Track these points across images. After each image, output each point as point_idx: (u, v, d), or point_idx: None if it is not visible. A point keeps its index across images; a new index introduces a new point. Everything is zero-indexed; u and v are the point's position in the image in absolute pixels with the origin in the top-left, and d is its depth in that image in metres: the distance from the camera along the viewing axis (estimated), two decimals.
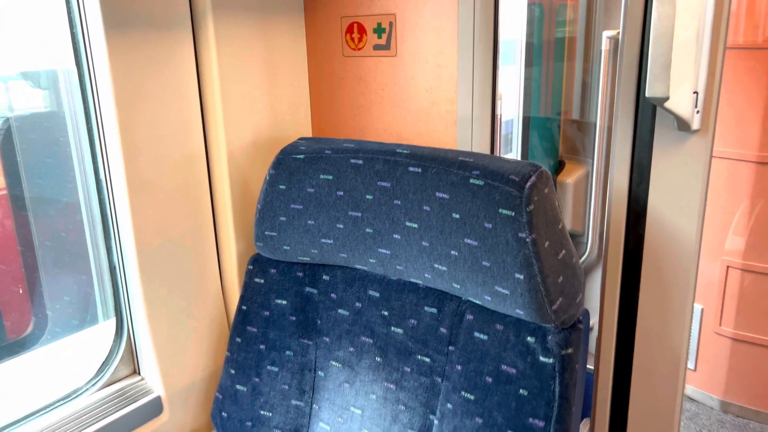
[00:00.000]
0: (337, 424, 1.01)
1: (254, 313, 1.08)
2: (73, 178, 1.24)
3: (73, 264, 1.26)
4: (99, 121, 0.98)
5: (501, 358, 0.84)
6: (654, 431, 0.95)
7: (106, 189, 1.02)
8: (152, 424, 1.07)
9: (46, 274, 1.26)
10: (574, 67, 1.82)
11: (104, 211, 1.05)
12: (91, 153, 1.03)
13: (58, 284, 1.27)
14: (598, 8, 1.79)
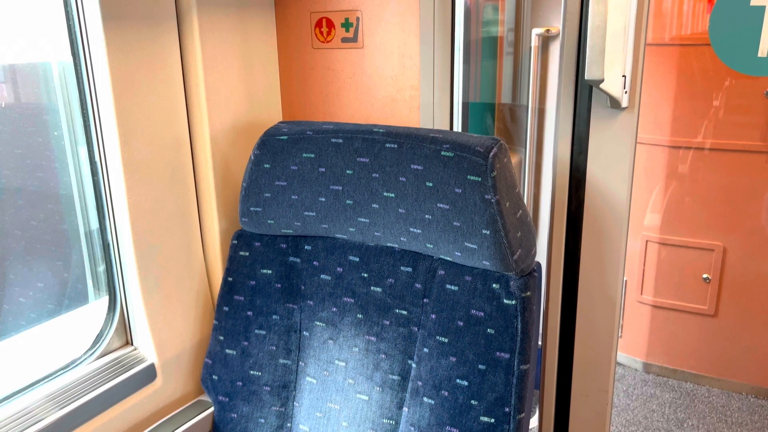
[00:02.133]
0: (322, 377, 1.12)
1: (240, 283, 1.18)
2: (45, 167, 1.29)
3: (45, 252, 1.31)
4: (95, 108, 1.05)
5: (470, 304, 0.99)
6: (596, 352, 1.13)
7: (100, 171, 1.10)
8: (146, 390, 1.15)
9: (14, 265, 1.29)
10: (503, 60, 2.01)
11: (98, 192, 1.12)
12: (86, 138, 1.10)
13: (29, 274, 1.30)
14: (525, 8, 1.98)
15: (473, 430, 0.96)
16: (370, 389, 1.08)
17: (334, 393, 1.11)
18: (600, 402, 1.19)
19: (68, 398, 1.04)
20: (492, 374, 0.96)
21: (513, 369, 0.94)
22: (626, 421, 2.23)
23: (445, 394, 0.99)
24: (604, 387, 1.16)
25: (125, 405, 1.11)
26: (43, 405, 1.01)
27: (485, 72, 1.91)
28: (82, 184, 1.17)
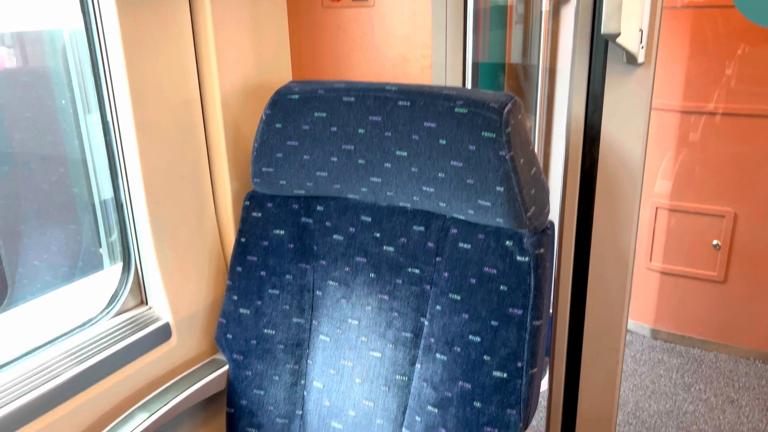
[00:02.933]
0: (336, 335, 1.13)
1: (253, 243, 1.19)
2: (56, 131, 1.29)
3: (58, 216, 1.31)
4: (107, 71, 1.05)
5: (483, 262, 0.99)
6: (607, 312, 1.13)
7: (113, 133, 1.10)
8: (162, 348, 1.16)
9: (27, 229, 1.29)
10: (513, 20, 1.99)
11: (111, 154, 1.12)
12: (98, 101, 1.09)
13: (42, 238, 1.31)
14: None
15: (485, 384, 0.97)
16: (383, 346, 1.09)
17: (347, 350, 1.12)
18: (611, 361, 1.20)
19: (86, 354, 1.05)
20: (504, 330, 0.96)
21: (525, 325, 0.95)
22: (633, 386, 2.25)
23: (458, 350, 1.00)
24: (615, 346, 1.16)
25: (141, 363, 1.13)
26: (62, 361, 1.03)
27: (494, 36, 1.89)
28: (93, 148, 1.17)
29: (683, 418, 2.07)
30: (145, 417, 1.05)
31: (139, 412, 1.06)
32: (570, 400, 1.28)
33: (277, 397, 1.16)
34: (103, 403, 1.06)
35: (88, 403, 1.03)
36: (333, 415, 1.12)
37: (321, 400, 1.13)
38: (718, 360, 2.40)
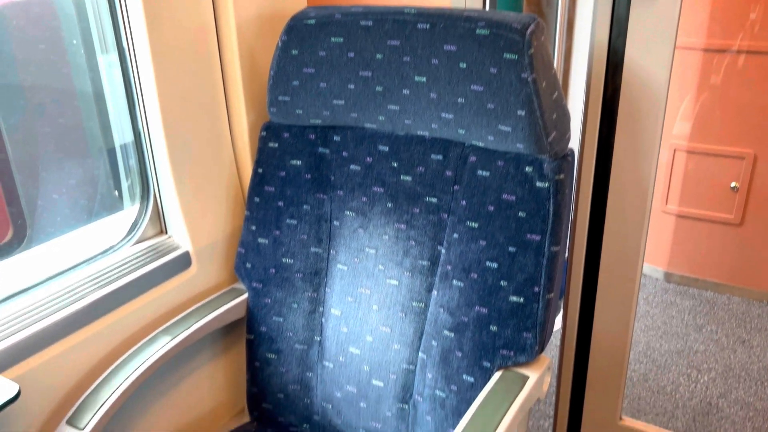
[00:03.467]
0: (353, 264, 1.15)
1: (270, 174, 1.19)
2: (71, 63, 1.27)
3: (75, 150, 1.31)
4: None
5: (502, 188, 0.99)
6: (625, 242, 1.13)
7: (129, 60, 1.09)
8: (182, 276, 1.18)
9: (45, 164, 1.29)
10: None
11: (128, 81, 1.11)
12: (113, 28, 1.08)
13: (59, 172, 1.31)
14: None
15: (502, 309, 0.98)
16: (400, 274, 1.10)
17: (365, 279, 1.13)
18: (626, 291, 1.20)
19: (108, 279, 1.08)
20: (522, 256, 0.97)
21: (543, 250, 0.95)
22: (645, 326, 2.27)
23: (475, 277, 1.01)
24: (631, 276, 1.17)
25: (163, 289, 1.15)
26: (86, 284, 1.05)
27: None
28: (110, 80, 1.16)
29: (694, 357, 2.10)
30: (168, 340, 1.07)
31: (162, 335, 1.09)
32: (584, 335, 1.30)
33: (296, 323, 1.18)
34: (127, 326, 1.09)
35: (113, 325, 1.06)
36: (351, 340, 1.14)
37: (339, 327, 1.16)
38: (730, 302, 2.40)
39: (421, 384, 1.07)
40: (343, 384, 1.15)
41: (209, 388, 1.28)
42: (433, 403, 1.05)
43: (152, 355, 1.04)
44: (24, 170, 1.25)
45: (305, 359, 1.19)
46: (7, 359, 0.91)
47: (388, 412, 1.11)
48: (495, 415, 0.90)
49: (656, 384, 1.97)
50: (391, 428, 1.11)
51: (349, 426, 1.16)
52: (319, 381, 1.18)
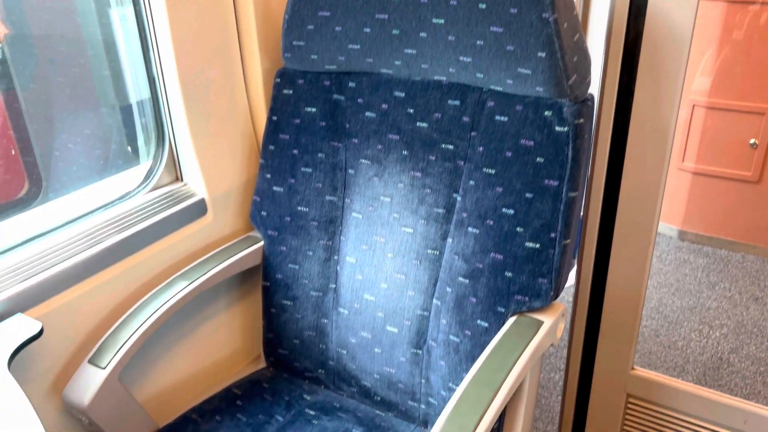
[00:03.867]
0: (368, 212, 1.15)
1: (285, 121, 1.18)
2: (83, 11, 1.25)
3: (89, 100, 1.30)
4: None
5: (520, 134, 0.97)
6: (643, 190, 1.13)
7: (143, 6, 1.07)
8: (198, 224, 1.19)
9: (59, 114, 1.28)
10: None
11: (141, 27, 1.10)
12: None
13: (73, 122, 1.30)
14: None
15: (518, 255, 0.98)
16: (415, 222, 1.10)
17: (380, 227, 1.14)
18: (642, 241, 1.20)
19: (126, 224, 1.08)
20: (539, 202, 0.96)
21: (561, 196, 0.95)
22: (657, 284, 2.27)
23: (490, 223, 1.00)
24: (648, 226, 1.16)
25: (179, 236, 1.16)
26: (103, 229, 1.06)
27: None
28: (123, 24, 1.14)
29: (706, 313, 2.10)
30: (186, 284, 1.09)
31: (180, 280, 1.10)
32: (597, 287, 1.30)
33: (311, 271, 1.19)
34: (144, 271, 1.10)
35: (132, 269, 1.07)
36: (365, 287, 1.15)
37: (354, 274, 1.16)
38: (745, 260, 2.39)
39: (435, 330, 1.08)
40: (358, 330, 1.17)
41: (226, 334, 1.30)
42: (447, 348, 1.06)
43: (170, 298, 1.05)
44: (38, 125, 1.25)
45: (320, 306, 1.20)
46: (30, 299, 0.93)
47: (402, 358, 1.13)
48: (508, 359, 0.91)
49: (667, 339, 1.98)
50: (405, 373, 1.13)
51: (363, 371, 1.18)
52: (334, 327, 1.20)
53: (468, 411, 0.82)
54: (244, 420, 1.12)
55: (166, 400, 1.19)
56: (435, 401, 1.11)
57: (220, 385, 1.21)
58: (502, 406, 0.85)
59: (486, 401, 0.84)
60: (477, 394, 0.85)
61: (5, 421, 0.72)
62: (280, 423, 1.12)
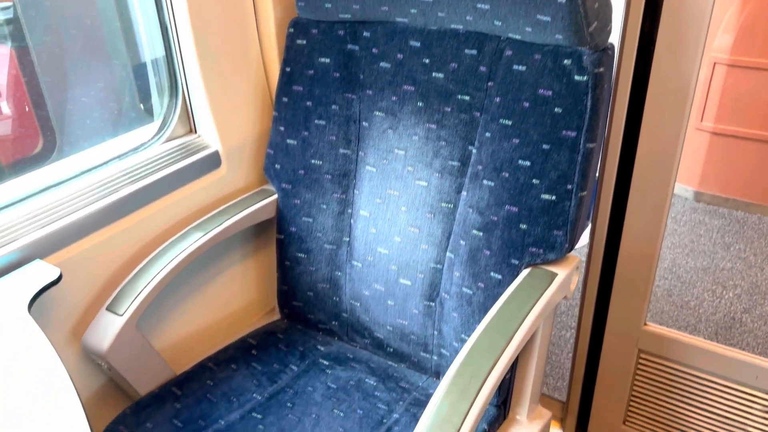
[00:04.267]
0: (382, 166, 1.14)
1: (299, 72, 1.16)
2: None
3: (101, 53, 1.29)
4: None
5: (538, 83, 0.96)
6: (662, 143, 1.11)
7: None
8: (212, 176, 1.19)
9: (72, 67, 1.27)
10: None
11: None
12: None
13: (86, 74, 1.29)
14: None
15: (533, 207, 0.97)
16: (429, 175, 1.09)
17: (394, 180, 1.13)
18: (659, 197, 1.18)
19: (140, 174, 1.09)
20: (556, 153, 0.95)
21: (578, 147, 0.93)
22: (671, 244, 2.26)
23: (506, 176, 1.00)
24: (665, 181, 1.14)
25: (193, 188, 1.16)
26: (118, 179, 1.06)
27: None
28: None
29: (719, 274, 2.09)
30: (200, 236, 1.09)
31: (195, 231, 1.10)
32: (612, 243, 1.29)
33: (325, 224, 1.19)
34: (159, 222, 1.11)
35: (147, 220, 1.08)
36: (379, 241, 1.15)
37: (367, 228, 1.16)
38: (761, 222, 2.37)
39: (448, 282, 1.08)
40: (371, 283, 1.17)
41: (241, 287, 1.32)
42: (460, 300, 1.06)
43: (185, 249, 1.06)
44: (51, 82, 1.25)
45: (334, 259, 1.21)
46: (48, 246, 0.94)
47: (415, 310, 1.13)
48: (522, 309, 0.91)
49: (680, 299, 1.98)
50: (418, 325, 1.14)
51: (376, 323, 1.19)
52: (348, 280, 1.20)
53: (481, 358, 0.83)
54: (260, 369, 1.14)
55: (183, 350, 1.21)
56: (447, 352, 1.12)
57: (235, 335, 1.23)
58: (515, 355, 0.86)
59: (499, 349, 0.84)
60: (490, 342, 0.85)
61: (29, 363, 0.74)
62: (294, 372, 1.14)
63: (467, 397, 0.78)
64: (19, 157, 1.24)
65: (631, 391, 1.39)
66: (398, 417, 1.04)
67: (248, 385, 1.09)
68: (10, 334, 0.78)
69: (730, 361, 1.23)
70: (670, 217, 2.43)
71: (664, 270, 2.12)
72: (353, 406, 1.06)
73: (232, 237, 1.18)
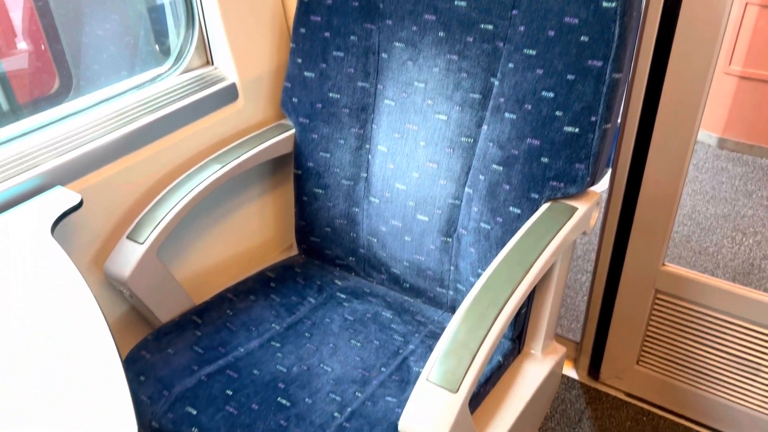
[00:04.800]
0: (401, 99, 1.12)
1: (316, 2, 1.13)
2: None
3: None
4: None
5: (564, 11, 0.92)
6: (688, 83, 1.07)
7: None
8: (229, 109, 1.18)
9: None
10: None
11: None
12: None
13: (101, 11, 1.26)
14: None
15: (555, 140, 0.95)
16: (450, 109, 1.07)
17: (413, 114, 1.11)
18: (683, 135, 1.16)
19: (158, 105, 1.08)
20: (581, 84, 0.92)
21: (604, 77, 0.91)
22: (692, 191, 2.23)
23: (528, 108, 0.97)
24: (691, 118, 1.11)
25: (211, 120, 1.15)
26: (136, 109, 1.06)
27: None
28: None
29: (740, 221, 2.06)
30: (218, 168, 1.09)
31: (213, 163, 1.10)
32: (633, 185, 1.27)
33: (343, 159, 1.19)
34: (178, 153, 1.11)
35: (165, 151, 1.08)
36: (397, 177, 1.15)
37: (385, 163, 1.15)
38: None
39: (466, 218, 1.08)
40: (389, 219, 1.17)
41: (259, 223, 1.32)
42: (478, 235, 1.06)
43: (204, 180, 1.06)
44: (67, 22, 1.23)
45: (352, 195, 1.20)
46: (69, 173, 0.95)
47: (432, 246, 1.13)
48: (540, 242, 0.91)
49: (699, 245, 1.96)
50: (434, 260, 1.14)
51: (393, 258, 1.19)
52: (365, 216, 1.20)
53: (499, 288, 0.83)
54: (278, 300, 1.15)
55: (203, 281, 1.23)
56: (463, 288, 1.12)
57: (253, 270, 1.25)
58: (532, 285, 0.86)
59: (517, 279, 0.84)
60: (508, 272, 0.85)
61: (53, 283, 0.75)
62: (312, 304, 1.15)
63: (484, 324, 0.79)
64: (37, 96, 1.23)
65: (645, 332, 1.40)
66: (414, 348, 1.06)
67: (267, 316, 1.11)
68: (35, 254, 0.79)
69: (749, 302, 1.22)
70: (692, 164, 2.39)
71: (684, 216, 2.09)
72: (370, 337, 1.08)
73: (250, 172, 1.18)
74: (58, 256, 0.79)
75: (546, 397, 1.15)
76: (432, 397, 0.74)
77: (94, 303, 0.72)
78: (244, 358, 1.01)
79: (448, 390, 0.74)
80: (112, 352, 0.66)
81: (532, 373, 1.08)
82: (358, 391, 0.96)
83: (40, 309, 0.71)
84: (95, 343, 0.67)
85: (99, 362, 0.65)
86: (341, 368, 1.01)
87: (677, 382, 1.41)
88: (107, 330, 0.69)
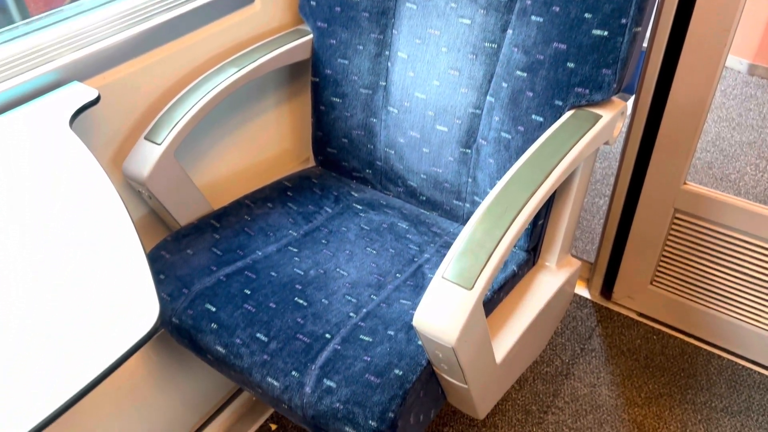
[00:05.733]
0: (423, 2, 1.08)
1: None
2: None
3: None
4: None
5: None
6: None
7: None
8: (246, 11, 1.15)
9: None
10: None
11: None
12: None
13: None
14: None
15: (583, 44, 0.92)
16: (474, 12, 1.03)
17: (435, 18, 1.07)
18: (715, 48, 1.11)
19: (173, 4, 1.05)
20: None
21: None
22: (718, 117, 2.17)
23: (556, 10, 0.93)
24: (722, 41, 1.07)
25: (226, 22, 1.12)
26: (151, 7, 1.03)
27: None
28: None
29: (766, 149, 2.02)
30: (235, 71, 1.07)
31: (229, 66, 1.08)
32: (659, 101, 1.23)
33: (361, 67, 1.16)
34: (194, 55, 1.08)
35: (181, 52, 1.06)
36: (416, 85, 1.12)
37: (405, 71, 1.13)
38: None
39: (487, 128, 1.06)
40: (407, 129, 1.16)
41: (276, 132, 1.31)
42: (498, 145, 1.04)
43: (221, 83, 1.05)
44: None
45: (370, 104, 1.18)
46: (85, 69, 0.93)
47: (450, 157, 1.12)
48: (562, 147, 0.89)
49: (721, 172, 1.93)
50: (452, 172, 1.13)
51: (410, 171, 1.18)
52: (383, 126, 1.19)
53: (518, 191, 0.82)
54: (295, 209, 1.16)
55: (220, 188, 1.23)
56: (480, 200, 1.12)
57: (270, 179, 1.25)
58: (552, 190, 0.85)
59: (536, 183, 0.83)
60: (529, 175, 0.84)
61: (74, 176, 0.75)
62: (328, 213, 1.16)
63: (501, 225, 0.79)
64: (47, 10, 1.21)
65: (662, 252, 1.40)
66: (429, 257, 1.07)
67: (284, 222, 1.12)
68: (55, 145, 0.79)
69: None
70: (719, 90, 2.31)
71: (707, 143, 2.05)
72: (385, 245, 1.09)
73: (267, 79, 1.16)
74: (77, 147, 0.79)
75: (558, 309, 1.16)
76: (447, 294, 0.75)
77: (116, 194, 0.72)
78: (261, 261, 1.03)
79: (464, 287, 0.75)
80: (135, 244, 0.67)
81: (545, 284, 1.08)
82: (374, 294, 0.97)
83: (64, 200, 0.72)
84: (119, 235, 0.68)
85: (122, 253, 0.66)
86: (357, 273, 1.02)
87: (689, 302, 1.42)
88: (130, 221, 0.70)
